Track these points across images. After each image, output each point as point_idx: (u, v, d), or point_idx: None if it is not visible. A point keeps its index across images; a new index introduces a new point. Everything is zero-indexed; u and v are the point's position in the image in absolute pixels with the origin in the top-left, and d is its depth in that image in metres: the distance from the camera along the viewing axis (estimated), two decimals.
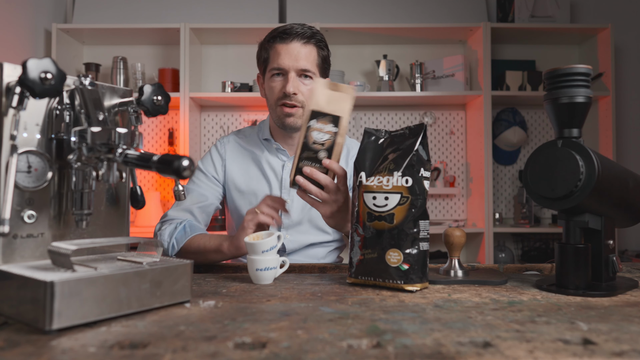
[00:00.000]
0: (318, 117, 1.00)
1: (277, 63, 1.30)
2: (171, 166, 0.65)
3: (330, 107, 1.00)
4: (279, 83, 1.32)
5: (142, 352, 0.55)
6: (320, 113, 1.00)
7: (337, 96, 1.01)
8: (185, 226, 1.26)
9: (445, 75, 2.83)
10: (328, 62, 1.37)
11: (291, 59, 1.29)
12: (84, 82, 0.76)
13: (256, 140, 1.46)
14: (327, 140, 1.00)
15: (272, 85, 1.33)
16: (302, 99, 1.31)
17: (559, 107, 0.87)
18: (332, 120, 1.00)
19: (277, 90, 1.32)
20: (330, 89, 1.02)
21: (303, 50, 1.30)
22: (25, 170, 0.72)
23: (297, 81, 1.30)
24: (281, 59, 1.29)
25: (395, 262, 0.87)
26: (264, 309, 0.74)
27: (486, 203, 2.73)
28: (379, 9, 2.97)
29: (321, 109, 1.00)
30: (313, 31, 1.31)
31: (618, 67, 3.02)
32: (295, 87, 1.29)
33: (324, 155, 1.00)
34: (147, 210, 2.78)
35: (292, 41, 1.29)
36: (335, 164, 1.02)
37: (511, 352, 0.55)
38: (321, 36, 1.34)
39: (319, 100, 1.01)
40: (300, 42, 1.29)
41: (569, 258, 0.88)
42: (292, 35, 1.29)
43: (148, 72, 2.99)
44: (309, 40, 1.30)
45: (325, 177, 1.01)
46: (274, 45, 1.32)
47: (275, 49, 1.31)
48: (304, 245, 1.40)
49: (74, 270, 0.67)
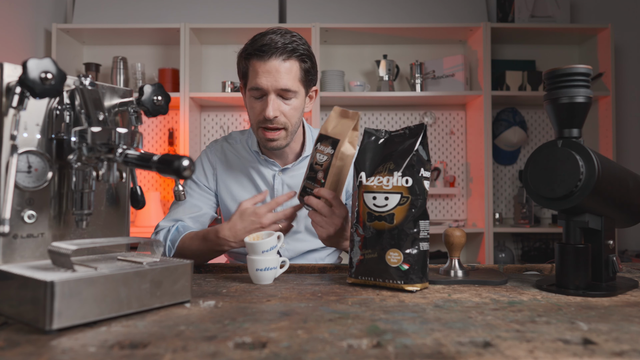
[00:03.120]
0: (322, 140, 1.07)
1: (256, 83, 1.19)
2: (171, 166, 0.65)
3: (334, 131, 1.07)
4: (259, 105, 1.22)
5: (142, 352, 0.55)
6: (325, 136, 1.07)
7: (343, 122, 1.08)
8: (178, 227, 1.25)
9: (445, 75, 2.83)
10: (313, 72, 1.26)
11: (270, 79, 1.18)
12: (84, 82, 0.76)
13: (246, 148, 1.39)
14: (325, 161, 1.05)
15: (253, 105, 1.24)
16: (285, 121, 1.22)
17: (559, 107, 0.88)
18: (331, 143, 1.06)
19: (257, 113, 1.23)
20: (341, 116, 1.09)
21: (283, 67, 1.18)
22: (25, 170, 0.72)
23: (278, 102, 1.21)
24: (259, 79, 1.18)
25: (395, 262, 0.87)
26: (264, 309, 0.74)
27: (486, 203, 2.73)
28: (379, 9, 2.97)
29: (326, 132, 1.07)
30: (295, 45, 1.19)
31: (618, 67, 3.02)
32: (275, 110, 1.20)
33: (321, 176, 1.06)
34: (147, 210, 2.78)
35: (270, 58, 1.17)
36: (323, 190, 1.05)
37: (511, 352, 0.55)
38: (304, 47, 1.22)
39: (328, 126, 1.08)
40: (279, 58, 1.18)
41: (569, 258, 0.88)
42: (271, 52, 1.17)
43: (148, 72, 2.99)
44: (289, 55, 1.19)
45: (317, 202, 1.05)
46: (251, 61, 1.20)
47: (253, 67, 1.20)
48: (301, 252, 1.38)
49: (74, 270, 0.67)
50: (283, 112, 1.22)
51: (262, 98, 1.22)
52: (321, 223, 1.06)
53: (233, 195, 1.37)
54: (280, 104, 1.22)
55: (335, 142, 1.05)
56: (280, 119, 1.22)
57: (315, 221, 1.06)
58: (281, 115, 1.22)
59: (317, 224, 1.07)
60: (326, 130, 1.08)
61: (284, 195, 1.13)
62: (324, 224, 1.06)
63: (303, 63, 1.22)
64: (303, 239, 1.37)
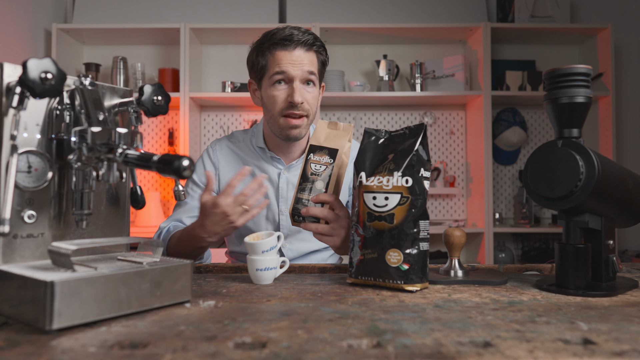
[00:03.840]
0: (316, 151, 1.07)
1: (281, 69, 1.23)
2: (171, 166, 0.65)
3: (328, 142, 1.07)
4: (283, 92, 1.25)
5: (142, 352, 0.55)
6: (318, 147, 1.07)
7: (335, 134, 1.08)
8: (170, 227, 1.25)
9: (445, 75, 2.83)
10: (326, 65, 1.33)
11: (296, 67, 1.23)
12: (84, 82, 0.76)
13: (250, 146, 1.39)
14: (324, 170, 1.05)
15: (275, 94, 1.25)
16: (308, 107, 1.26)
17: (559, 107, 0.88)
18: (329, 152, 1.06)
19: (281, 100, 1.25)
20: (330, 128, 1.10)
21: (307, 57, 1.25)
22: (25, 170, 0.72)
23: (302, 89, 1.25)
24: (285, 66, 1.22)
25: (395, 262, 0.87)
26: (264, 309, 0.74)
27: (486, 203, 2.73)
28: (379, 9, 2.97)
29: (319, 143, 1.08)
30: (314, 37, 1.27)
31: (618, 67, 3.02)
32: (301, 96, 1.23)
33: (320, 185, 1.04)
34: (147, 210, 2.78)
35: (295, 48, 1.23)
36: (323, 194, 1.03)
37: (511, 352, 0.55)
38: (321, 41, 1.29)
39: (319, 137, 1.08)
40: (303, 49, 1.24)
41: (569, 258, 0.88)
42: (295, 42, 1.23)
43: (148, 72, 2.99)
44: (311, 47, 1.25)
45: (321, 209, 1.03)
46: (274, 52, 1.24)
47: (275, 56, 1.24)
48: (303, 253, 1.37)
49: (74, 270, 0.67)
50: (306, 100, 1.26)
51: (286, 86, 1.25)
52: (329, 232, 1.03)
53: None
54: (304, 92, 1.25)
55: (333, 151, 1.05)
56: (304, 105, 1.25)
57: (323, 232, 1.03)
58: (305, 103, 1.25)
59: (325, 234, 1.03)
60: (318, 142, 1.07)
61: (236, 177, 1.07)
62: (333, 231, 1.03)
63: (320, 55, 1.29)
64: (306, 239, 1.36)
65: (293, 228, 1.35)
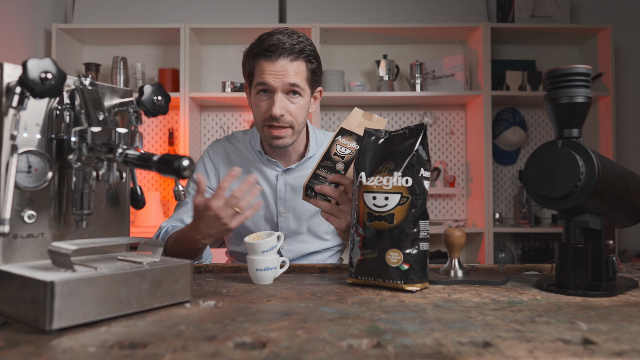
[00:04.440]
0: (344, 134, 1.08)
1: (262, 81, 1.20)
2: (171, 166, 0.65)
3: (359, 130, 1.08)
4: (265, 103, 1.23)
5: (142, 352, 0.55)
6: (348, 131, 1.08)
7: (367, 123, 1.08)
8: (168, 228, 1.24)
9: (445, 75, 2.83)
10: (318, 72, 1.28)
11: (277, 78, 1.19)
12: (84, 82, 0.76)
13: (249, 147, 1.39)
14: (348, 154, 1.06)
15: (258, 103, 1.24)
16: (291, 119, 1.23)
17: (559, 107, 0.87)
18: (357, 139, 1.07)
19: (263, 110, 1.23)
20: (364, 117, 1.10)
21: (291, 67, 1.20)
22: (25, 170, 0.72)
23: (285, 100, 1.22)
24: (266, 77, 1.19)
25: (395, 262, 0.87)
26: (264, 309, 0.74)
27: (486, 203, 2.73)
28: (379, 9, 2.97)
29: (350, 128, 1.08)
30: (302, 45, 1.21)
31: (618, 67, 3.02)
32: (282, 108, 1.20)
33: (341, 167, 1.05)
34: (147, 210, 2.78)
35: (278, 58, 1.18)
36: (341, 176, 1.03)
37: (511, 352, 0.55)
38: (311, 48, 1.23)
39: (351, 123, 1.09)
40: (287, 58, 1.19)
41: (569, 258, 0.88)
42: (279, 52, 1.18)
43: (148, 72, 2.99)
44: (297, 56, 1.20)
45: (335, 190, 1.03)
46: (258, 61, 1.21)
47: (259, 66, 1.21)
48: (302, 254, 1.37)
49: (74, 270, 0.67)
50: (289, 111, 1.23)
51: (268, 97, 1.23)
52: (338, 213, 1.04)
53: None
54: (287, 102, 1.23)
55: (360, 138, 1.06)
56: (286, 117, 1.23)
57: (332, 212, 1.04)
58: (287, 114, 1.23)
59: (333, 214, 1.04)
60: (350, 127, 1.08)
61: (226, 179, 1.05)
62: (341, 213, 1.04)
63: (310, 64, 1.24)
64: (305, 240, 1.37)
65: (291, 229, 1.35)
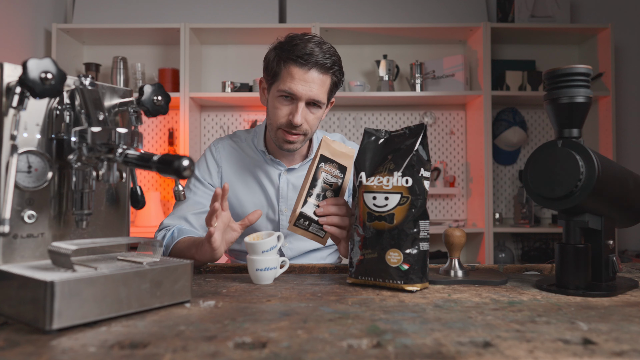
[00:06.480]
0: (327, 162, 1.10)
1: (289, 87, 1.20)
2: (171, 166, 0.65)
3: (336, 158, 1.11)
4: (286, 108, 1.23)
5: (142, 352, 0.55)
6: (329, 159, 1.10)
7: (340, 153, 1.11)
8: (174, 231, 1.22)
9: (445, 75, 2.83)
10: (339, 85, 1.29)
11: (306, 87, 1.20)
12: (84, 82, 0.76)
13: (252, 146, 1.40)
14: (334, 182, 1.08)
15: (278, 106, 1.24)
16: (307, 128, 1.25)
17: (559, 107, 0.88)
18: (339, 167, 1.10)
19: (283, 115, 1.24)
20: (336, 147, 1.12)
21: (319, 79, 1.21)
22: (25, 170, 0.72)
23: (305, 110, 1.23)
24: (295, 84, 1.19)
25: (395, 262, 0.87)
26: (264, 309, 0.74)
27: (486, 203, 2.73)
28: (379, 9, 2.97)
29: (331, 157, 1.10)
30: (333, 60, 1.22)
31: (618, 67, 3.02)
32: (302, 118, 1.22)
33: (330, 195, 1.07)
34: (147, 210, 2.78)
35: (311, 69, 1.19)
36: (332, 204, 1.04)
37: (511, 352, 0.55)
38: (339, 63, 1.25)
39: (328, 151, 1.11)
40: (318, 71, 1.20)
41: (569, 258, 0.88)
42: (312, 63, 1.19)
43: (148, 72, 2.99)
44: (327, 70, 1.22)
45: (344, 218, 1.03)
46: (289, 66, 1.20)
47: (289, 71, 1.20)
48: (302, 252, 1.38)
49: (74, 270, 0.67)
50: (308, 121, 1.25)
51: (290, 103, 1.23)
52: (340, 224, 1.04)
53: (237, 194, 1.36)
54: (307, 113, 1.24)
55: (342, 167, 1.09)
56: (304, 126, 1.24)
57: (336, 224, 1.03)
58: (305, 123, 1.24)
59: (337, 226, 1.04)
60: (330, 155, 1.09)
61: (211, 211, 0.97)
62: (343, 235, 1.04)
63: (334, 77, 1.26)
64: (305, 237, 1.36)
65: None
